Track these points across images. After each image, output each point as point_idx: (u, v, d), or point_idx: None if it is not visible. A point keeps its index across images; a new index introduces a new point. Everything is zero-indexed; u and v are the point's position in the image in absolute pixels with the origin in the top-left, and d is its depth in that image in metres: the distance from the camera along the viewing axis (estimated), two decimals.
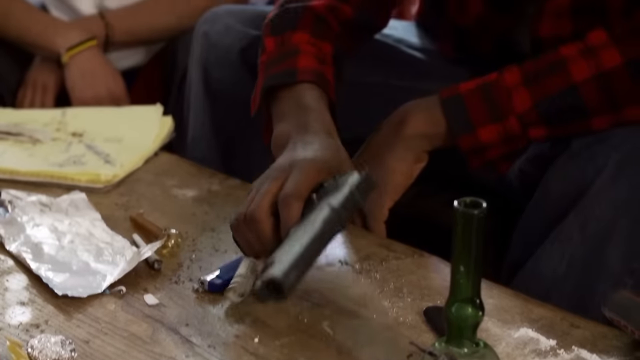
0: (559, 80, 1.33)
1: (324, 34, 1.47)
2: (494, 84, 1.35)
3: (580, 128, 1.34)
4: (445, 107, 1.36)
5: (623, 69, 1.32)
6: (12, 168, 1.54)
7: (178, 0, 1.93)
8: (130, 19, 1.95)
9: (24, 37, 1.92)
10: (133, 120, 1.69)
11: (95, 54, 1.90)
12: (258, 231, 1.20)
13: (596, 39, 1.34)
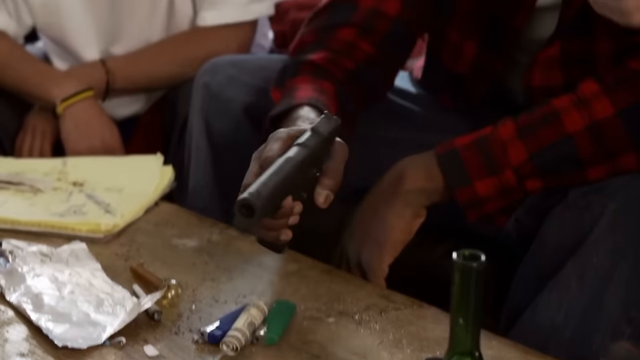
0: (553, 132, 1.35)
1: (325, 77, 1.49)
2: (489, 137, 1.37)
3: (577, 179, 1.35)
4: (442, 162, 1.37)
5: (615, 118, 1.34)
6: (13, 218, 1.55)
7: (179, 49, 1.94)
8: (131, 67, 1.96)
9: (21, 86, 1.93)
10: (134, 170, 1.70)
11: (90, 104, 1.91)
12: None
13: (587, 90, 1.36)
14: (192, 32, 1.96)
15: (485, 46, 1.52)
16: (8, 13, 1.95)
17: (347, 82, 1.51)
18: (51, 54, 2.05)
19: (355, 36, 1.52)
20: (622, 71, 1.37)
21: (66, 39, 1.99)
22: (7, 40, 1.95)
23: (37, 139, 1.95)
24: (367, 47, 1.52)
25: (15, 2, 1.95)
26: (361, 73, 1.52)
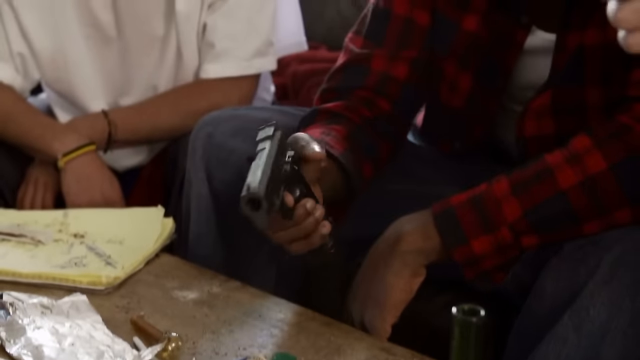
0: (547, 188, 1.37)
1: (338, 122, 1.53)
2: (484, 195, 1.39)
3: (572, 234, 1.37)
4: (438, 222, 1.39)
5: (608, 173, 1.35)
6: (14, 270, 1.56)
7: (181, 101, 1.96)
8: (133, 118, 1.97)
9: (23, 139, 1.94)
10: (134, 222, 1.71)
11: (92, 159, 1.91)
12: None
13: (580, 145, 1.37)
14: (195, 84, 1.98)
15: (480, 80, 1.54)
16: (15, 68, 1.97)
17: (365, 126, 1.55)
18: (55, 106, 2.07)
19: (372, 95, 1.58)
20: (613, 125, 1.38)
21: (73, 93, 2.00)
22: (10, 93, 1.96)
23: (39, 191, 1.96)
24: (383, 104, 1.58)
25: (22, 57, 1.96)
26: (379, 123, 1.56)
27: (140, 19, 1.94)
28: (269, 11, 1.96)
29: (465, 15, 1.53)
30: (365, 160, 1.53)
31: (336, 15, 2.78)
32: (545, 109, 1.50)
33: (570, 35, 1.46)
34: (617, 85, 1.43)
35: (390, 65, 1.58)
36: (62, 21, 1.94)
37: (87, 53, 1.97)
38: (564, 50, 1.47)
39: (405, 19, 1.58)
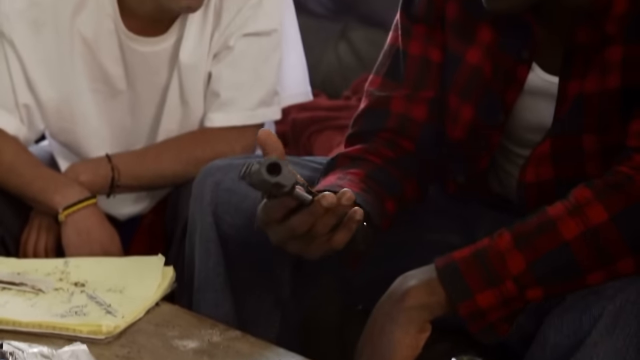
0: (550, 240, 1.37)
1: (357, 165, 1.54)
2: (487, 249, 1.39)
3: (576, 285, 1.37)
4: (442, 276, 1.39)
5: (610, 223, 1.36)
6: (14, 319, 1.56)
7: (184, 148, 1.96)
8: (136, 164, 1.97)
9: (25, 191, 1.94)
10: (135, 271, 1.71)
11: (92, 212, 1.91)
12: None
13: (581, 197, 1.38)
14: (199, 133, 1.98)
15: (481, 113, 1.55)
16: (20, 118, 1.96)
17: (388, 166, 1.56)
18: (57, 156, 2.07)
19: (394, 137, 1.59)
20: (613, 176, 1.39)
21: (78, 144, 2.01)
22: (14, 144, 1.96)
23: (42, 235, 1.96)
24: (407, 144, 1.60)
25: (27, 108, 1.96)
26: (403, 163, 1.58)
27: (148, 71, 1.96)
28: (275, 61, 1.97)
29: (469, 48, 1.55)
30: (387, 197, 1.53)
31: (335, 62, 2.80)
32: (544, 156, 1.51)
33: (571, 84, 1.47)
34: (614, 132, 1.44)
35: (409, 107, 1.60)
36: (70, 74, 1.95)
37: (95, 106, 1.97)
38: (565, 99, 1.48)
39: (421, 59, 1.59)
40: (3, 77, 1.94)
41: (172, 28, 1.94)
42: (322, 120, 2.53)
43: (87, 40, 1.93)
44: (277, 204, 1.34)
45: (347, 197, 1.34)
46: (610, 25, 1.43)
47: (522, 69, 1.51)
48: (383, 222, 1.52)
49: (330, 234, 1.37)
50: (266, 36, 1.93)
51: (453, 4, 1.56)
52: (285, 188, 1.27)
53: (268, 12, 1.94)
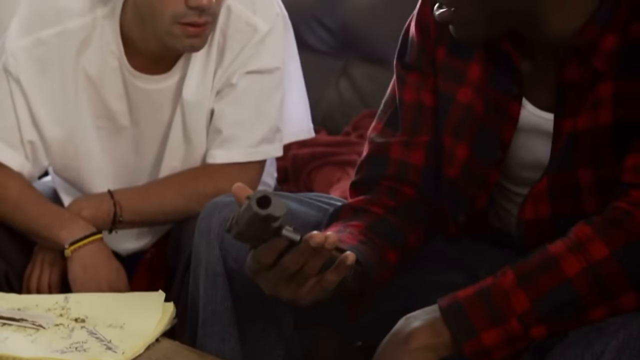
0: (553, 277, 1.38)
1: (358, 217, 1.57)
2: (491, 288, 1.39)
3: (579, 322, 1.37)
4: (447, 316, 1.39)
5: (611, 259, 1.37)
6: (14, 355, 1.55)
7: (187, 184, 1.96)
8: (138, 200, 1.97)
9: (31, 228, 1.94)
10: (135, 307, 1.71)
11: (98, 248, 1.92)
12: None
13: (581, 234, 1.39)
14: (201, 169, 1.99)
15: (476, 150, 1.57)
16: (25, 155, 1.97)
17: (389, 216, 1.58)
18: (60, 191, 2.08)
19: (395, 184, 1.62)
20: (611, 213, 1.40)
21: (82, 180, 2.01)
22: (18, 181, 1.96)
23: (46, 271, 1.96)
24: (408, 190, 1.62)
25: (32, 144, 1.97)
26: (405, 211, 1.60)
27: (152, 108, 1.96)
28: (277, 99, 1.98)
29: (460, 88, 1.57)
30: (388, 248, 1.56)
31: (336, 98, 2.81)
32: (542, 194, 1.52)
33: (566, 121, 1.49)
34: (608, 167, 1.45)
35: (407, 153, 1.63)
36: (74, 112, 1.96)
37: (98, 143, 1.98)
38: (560, 136, 1.49)
39: (415, 105, 1.62)
40: (8, 114, 1.95)
41: (175, 66, 1.95)
42: (322, 156, 2.54)
43: (91, 77, 1.94)
44: (267, 247, 1.37)
45: (329, 242, 1.37)
46: (599, 61, 1.45)
47: (514, 106, 1.53)
48: (384, 273, 1.54)
49: (320, 275, 1.39)
50: (269, 74, 1.94)
51: (442, 48, 1.59)
52: (278, 221, 1.30)
53: (271, 50, 1.95)
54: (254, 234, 1.35)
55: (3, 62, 1.94)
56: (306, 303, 1.43)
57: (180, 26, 1.83)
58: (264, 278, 1.41)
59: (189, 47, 1.87)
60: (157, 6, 1.83)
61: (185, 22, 1.82)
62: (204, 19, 1.83)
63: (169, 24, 1.83)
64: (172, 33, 1.84)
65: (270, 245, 1.36)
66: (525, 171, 1.56)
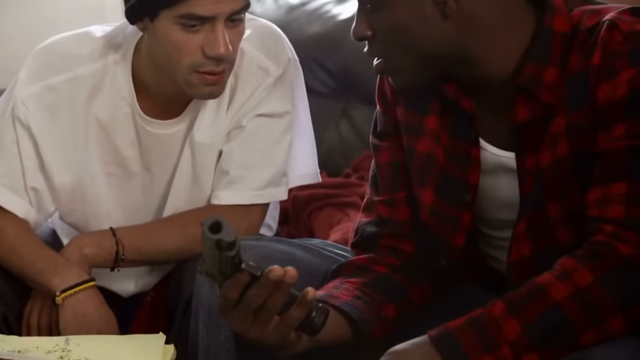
0: (542, 303, 1.40)
1: (358, 274, 1.61)
2: (482, 317, 1.41)
3: (570, 348, 1.38)
4: (438, 345, 1.40)
5: (596, 284, 1.39)
6: None
7: (189, 224, 1.94)
8: (140, 238, 1.96)
9: (25, 272, 1.93)
10: (135, 349, 1.70)
11: (90, 296, 1.90)
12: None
13: (566, 265, 1.42)
14: (205, 209, 1.98)
15: (442, 195, 1.60)
16: (29, 201, 1.96)
17: (393, 274, 1.62)
18: (60, 234, 2.07)
19: (393, 242, 1.66)
20: (593, 246, 1.43)
21: (88, 224, 2.00)
22: (15, 224, 1.96)
23: (46, 310, 1.94)
24: (407, 246, 1.65)
25: (36, 191, 1.96)
26: (408, 268, 1.64)
27: (163, 152, 1.96)
28: (285, 143, 1.98)
29: (419, 139, 1.61)
30: (386, 303, 1.59)
31: (336, 140, 2.82)
32: (523, 235, 1.54)
33: (527, 159, 1.52)
34: (573, 197, 1.48)
35: (392, 210, 1.67)
36: (84, 158, 1.95)
37: (108, 188, 1.98)
38: (526, 174, 1.52)
39: (391, 165, 1.67)
40: (14, 161, 1.94)
41: (187, 109, 1.95)
42: (323, 197, 2.54)
43: (102, 123, 1.94)
44: (232, 282, 1.40)
45: (289, 275, 1.40)
46: (546, 95, 1.48)
47: (474, 150, 1.56)
48: (381, 327, 1.57)
49: (285, 313, 1.43)
50: (278, 118, 1.95)
51: (400, 108, 1.64)
52: (233, 250, 1.34)
53: (282, 94, 1.95)
54: (218, 269, 1.39)
55: (12, 109, 1.93)
56: (272, 342, 1.45)
57: (198, 75, 1.82)
58: (231, 316, 1.44)
59: (208, 94, 1.87)
60: (175, 56, 1.82)
61: (204, 71, 1.82)
62: (221, 67, 1.83)
63: (187, 73, 1.82)
64: (190, 82, 1.84)
65: (233, 280, 1.39)
66: (499, 212, 1.58)
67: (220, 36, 1.79)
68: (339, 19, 2.81)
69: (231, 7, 1.79)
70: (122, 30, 1.94)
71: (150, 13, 1.81)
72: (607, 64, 1.44)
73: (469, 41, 1.48)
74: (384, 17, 1.50)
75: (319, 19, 2.85)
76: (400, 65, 1.51)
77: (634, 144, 1.43)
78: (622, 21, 1.45)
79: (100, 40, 1.94)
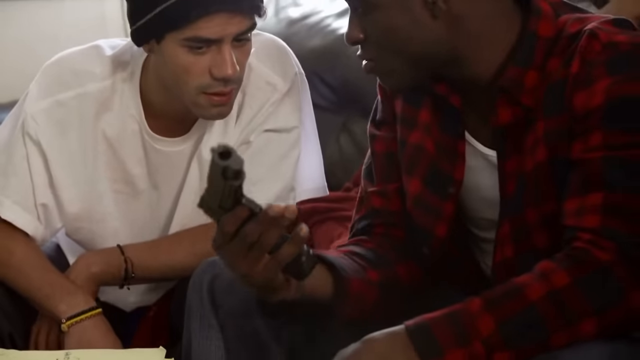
0: (518, 302, 1.41)
1: (347, 246, 1.65)
2: (458, 312, 1.42)
3: (541, 349, 1.40)
4: (412, 335, 1.41)
5: (573, 286, 1.40)
6: None
7: (197, 241, 1.93)
8: (149, 256, 1.96)
9: (32, 295, 1.93)
10: None
11: (95, 324, 1.89)
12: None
13: (545, 267, 1.43)
14: (212, 226, 1.93)
15: (429, 186, 1.63)
16: (37, 217, 1.95)
17: (381, 249, 1.67)
18: (66, 251, 2.07)
19: (385, 230, 1.70)
20: (572, 251, 1.44)
21: (94, 241, 2.00)
22: (23, 245, 1.95)
23: (54, 327, 1.93)
24: (398, 233, 1.69)
25: (45, 207, 1.95)
26: (396, 248, 1.67)
27: (170, 169, 1.96)
28: (293, 158, 1.98)
29: (412, 132, 1.65)
30: (370, 269, 1.62)
31: (337, 154, 2.82)
32: (506, 237, 1.56)
33: (508, 162, 1.54)
34: (550, 202, 1.50)
35: (385, 201, 1.70)
36: (93, 176, 1.95)
37: (115, 206, 1.97)
38: (507, 176, 1.55)
39: (386, 155, 1.69)
40: (24, 177, 1.94)
41: (194, 127, 1.95)
42: (324, 211, 2.54)
43: (110, 140, 1.94)
44: (231, 215, 1.42)
45: (290, 210, 1.42)
46: (526, 98, 1.51)
47: (460, 144, 1.59)
48: (364, 287, 1.60)
49: (277, 250, 1.44)
50: (286, 133, 1.95)
51: (399, 100, 1.67)
52: (239, 179, 1.36)
53: (289, 109, 1.95)
54: (219, 201, 1.41)
55: (22, 125, 1.93)
56: (260, 281, 1.47)
57: (206, 96, 1.82)
58: (225, 250, 1.45)
59: (216, 115, 1.87)
60: (182, 77, 1.82)
61: (211, 92, 1.82)
62: (229, 87, 1.82)
63: (194, 94, 1.82)
64: (198, 103, 1.83)
65: (232, 214, 1.42)
66: (483, 211, 1.61)
67: (228, 57, 1.79)
68: (339, 32, 2.81)
69: (237, 28, 1.79)
70: (130, 47, 1.94)
71: (156, 36, 1.81)
72: (585, 72, 1.47)
73: (458, 41, 1.52)
74: (375, 20, 1.52)
75: (319, 33, 2.86)
76: (391, 66, 1.55)
77: (610, 155, 1.45)
78: (603, 31, 1.47)
79: (110, 57, 1.95)
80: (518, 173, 1.53)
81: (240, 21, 1.79)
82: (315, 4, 2.96)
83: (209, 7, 1.75)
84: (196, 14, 1.75)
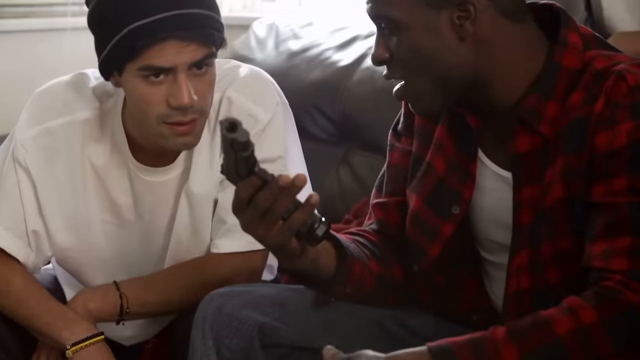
0: (544, 335, 1.41)
1: (351, 234, 1.73)
2: (483, 338, 1.42)
3: None
4: (436, 356, 1.41)
5: (600, 326, 1.40)
6: None
7: (192, 275, 1.93)
8: (145, 291, 1.95)
9: (32, 323, 1.92)
10: None
11: (99, 350, 1.89)
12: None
13: (573, 302, 1.43)
14: (206, 259, 1.97)
15: (429, 203, 1.65)
16: (28, 244, 1.95)
17: (380, 244, 1.73)
18: (62, 282, 2.06)
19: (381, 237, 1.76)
20: (602, 290, 1.44)
21: (82, 272, 2.00)
22: (21, 274, 1.95)
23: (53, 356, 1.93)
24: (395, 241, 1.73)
25: (36, 234, 1.95)
26: (392, 248, 1.73)
27: (157, 200, 1.95)
28: None
29: (428, 148, 1.67)
30: (371, 259, 1.67)
31: (336, 186, 2.82)
32: (523, 268, 1.56)
33: (524, 190, 1.55)
34: (565, 239, 1.51)
35: (386, 214, 1.75)
36: (81, 204, 1.95)
37: (103, 236, 1.97)
38: (521, 205, 1.55)
39: (399, 168, 1.72)
40: (15, 203, 1.94)
41: (179, 158, 1.94)
42: None
43: (97, 169, 1.94)
44: (245, 183, 1.48)
45: (299, 179, 1.47)
46: (545, 128, 1.52)
47: (472, 165, 1.60)
48: (364, 272, 1.66)
49: (289, 217, 1.49)
50: (271, 163, 1.94)
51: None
52: (248, 150, 1.43)
53: (272, 139, 1.94)
54: (235, 169, 1.48)
55: (12, 152, 1.94)
56: (274, 244, 1.53)
57: (167, 126, 1.81)
58: (242, 215, 1.51)
59: (182, 145, 1.85)
60: (142, 107, 1.81)
61: (172, 122, 1.81)
62: (189, 117, 1.80)
63: (156, 124, 1.81)
64: (161, 134, 1.83)
65: (246, 182, 1.48)
66: (494, 233, 1.61)
67: (184, 86, 1.77)
68: (339, 65, 2.82)
69: (191, 57, 1.77)
70: None
71: (117, 68, 1.81)
72: (609, 113, 1.47)
73: (483, 66, 1.53)
74: (401, 40, 1.54)
75: (319, 66, 2.86)
76: (418, 88, 1.56)
77: (637, 201, 1.45)
78: (631, 74, 1.48)
79: (97, 87, 1.95)
80: (535, 204, 1.53)
81: (194, 49, 1.77)
82: (315, 36, 2.97)
83: (157, 34, 1.74)
84: (145, 42, 1.75)
